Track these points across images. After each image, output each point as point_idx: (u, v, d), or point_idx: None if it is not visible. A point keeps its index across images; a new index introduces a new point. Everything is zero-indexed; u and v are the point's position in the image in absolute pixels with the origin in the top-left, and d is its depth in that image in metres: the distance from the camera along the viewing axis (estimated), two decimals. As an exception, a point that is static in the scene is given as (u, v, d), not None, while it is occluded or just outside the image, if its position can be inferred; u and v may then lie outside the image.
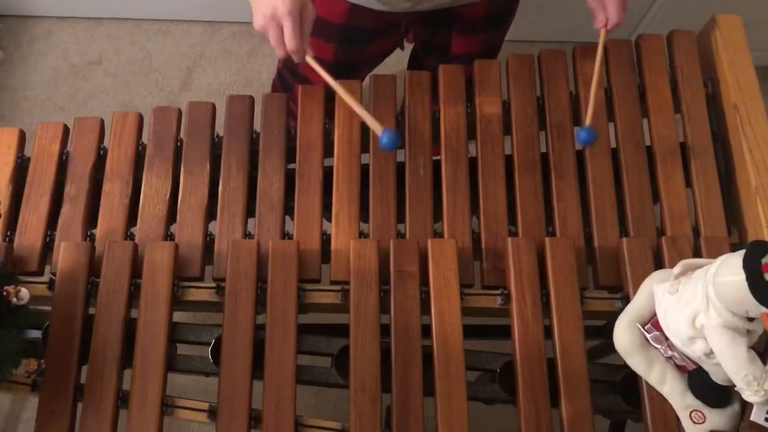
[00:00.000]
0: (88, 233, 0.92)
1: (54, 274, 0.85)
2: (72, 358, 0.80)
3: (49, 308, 0.83)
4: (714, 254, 0.80)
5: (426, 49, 1.22)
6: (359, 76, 0.96)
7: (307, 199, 0.91)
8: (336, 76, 0.90)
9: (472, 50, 1.06)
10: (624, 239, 0.87)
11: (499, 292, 0.85)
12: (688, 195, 0.93)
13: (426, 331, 0.81)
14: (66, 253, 0.84)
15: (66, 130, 0.97)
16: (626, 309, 0.81)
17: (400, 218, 0.91)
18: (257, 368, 0.80)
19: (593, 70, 0.98)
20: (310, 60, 0.84)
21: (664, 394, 0.78)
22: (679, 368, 0.78)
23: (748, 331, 0.68)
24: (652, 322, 0.78)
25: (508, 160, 0.95)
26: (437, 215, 0.92)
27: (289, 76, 1.19)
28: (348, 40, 0.86)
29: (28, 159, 0.95)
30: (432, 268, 0.84)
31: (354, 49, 0.88)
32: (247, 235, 0.91)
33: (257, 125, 0.97)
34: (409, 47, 1.21)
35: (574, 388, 0.79)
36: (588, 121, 0.86)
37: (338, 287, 0.85)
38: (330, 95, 0.97)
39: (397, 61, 1.24)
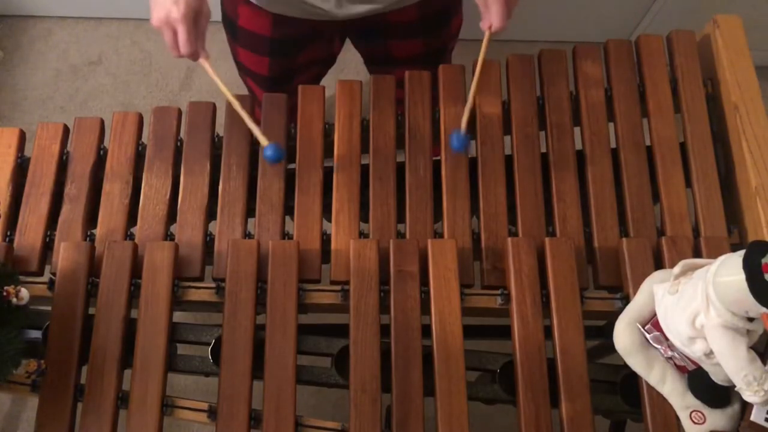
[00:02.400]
0: (88, 233, 0.92)
1: (54, 274, 0.85)
2: (72, 358, 0.80)
3: (49, 308, 0.83)
4: (714, 254, 0.80)
5: (369, 60, 1.21)
6: (296, 83, 0.97)
7: (307, 199, 0.91)
8: (274, 87, 0.89)
9: (414, 53, 1.05)
10: (624, 239, 0.87)
11: (499, 292, 0.85)
12: (688, 195, 0.93)
13: (426, 331, 0.81)
14: (66, 253, 0.84)
15: (66, 130, 0.97)
16: (626, 309, 0.81)
17: (400, 218, 0.91)
18: (257, 368, 0.80)
19: (593, 70, 0.99)
20: (203, 62, 0.84)
21: (664, 394, 0.78)
22: (679, 368, 0.78)
23: (748, 331, 0.68)
24: (652, 322, 0.78)
25: (508, 160, 0.95)
26: (437, 215, 0.92)
27: (247, 87, 1.19)
28: (279, 51, 0.86)
29: (28, 159, 0.95)
30: (432, 268, 0.84)
31: (287, 59, 0.89)
32: (247, 235, 0.91)
33: (257, 125, 0.97)
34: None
35: (574, 388, 0.79)
36: (463, 126, 0.87)
37: (338, 287, 0.85)
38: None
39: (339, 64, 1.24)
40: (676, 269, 0.74)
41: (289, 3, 0.97)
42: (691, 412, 0.77)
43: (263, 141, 0.84)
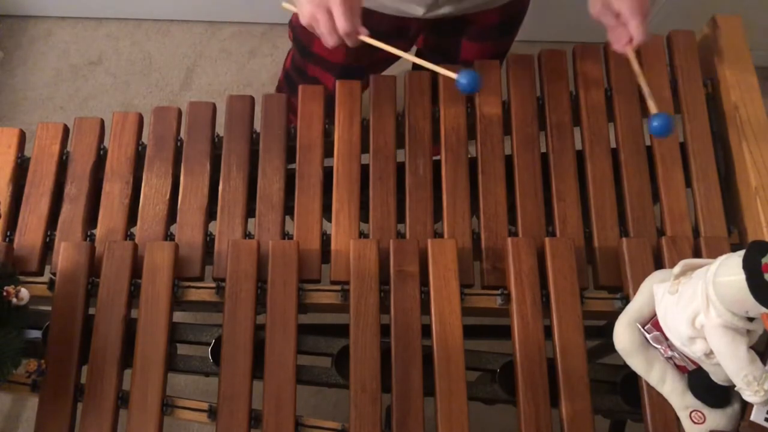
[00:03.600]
0: (88, 233, 0.92)
1: (54, 274, 0.85)
2: (72, 358, 0.80)
3: (49, 308, 0.83)
4: (714, 254, 0.80)
5: (433, 54, 1.22)
6: (367, 77, 0.98)
7: (307, 199, 0.91)
8: (345, 77, 0.89)
9: (481, 55, 1.07)
10: (624, 239, 0.87)
11: (499, 292, 0.85)
12: (688, 195, 0.93)
13: (426, 331, 0.81)
14: (66, 253, 0.84)
15: (66, 130, 0.97)
16: (626, 309, 0.81)
17: (400, 218, 0.91)
18: (257, 368, 0.80)
19: (593, 70, 0.99)
20: (364, 38, 0.81)
21: (664, 394, 0.78)
22: (679, 368, 0.78)
23: (748, 331, 0.68)
24: (652, 322, 0.78)
25: (508, 160, 0.95)
26: (437, 215, 0.92)
27: (297, 77, 1.19)
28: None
29: (28, 159, 0.95)
30: (432, 268, 0.84)
31: (364, 51, 0.89)
32: (247, 235, 0.91)
33: (257, 125, 0.97)
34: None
35: (574, 388, 0.79)
36: (654, 108, 0.82)
37: (338, 287, 0.85)
38: (331, 96, 0.98)
39: (397, 61, 1.25)
40: (676, 269, 0.74)
41: (382, 4, 0.97)
42: (691, 412, 0.77)
43: (452, 74, 0.79)
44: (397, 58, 1.15)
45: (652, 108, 0.84)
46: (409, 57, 0.83)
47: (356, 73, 0.98)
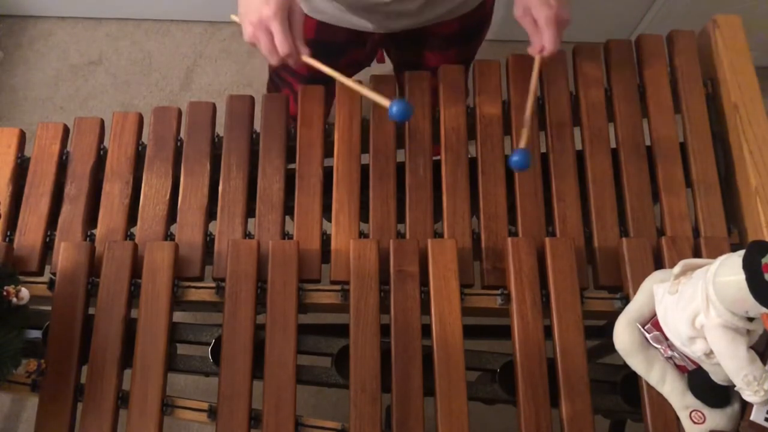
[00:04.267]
0: (88, 233, 0.92)
1: (54, 274, 0.85)
2: (72, 358, 0.80)
3: (49, 308, 0.83)
4: (714, 254, 0.80)
5: (400, 65, 1.22)
6: (334, 83, 0.98)
7: (307, 199, 0.91)
8: (311, 82, 0.89)
9: (446, 62, 1.07)
10: (624, 239, 0.87)
11: (499, 292, 0.85)
12: (688, 195, 0.93)
13: (426, 331, 0.81)
14: (66, 253, 0.84)
15: (66, 130, 0.97)
16: (626, 309, 0.81)
17: (400, 218, 0.91)
18: (257, 368, 0.80)
19: (593, 70, 0.98)
20: (306, 59, 0.81)
21: (664, 394, 0.78)
22: (679, 368, 0.78)
23: (748, 331, 0.68)
24: (652, 322, 0.78)
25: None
26: (437, 215, 0.92)
27: (278, 80, 1.19)
28: (321, 53, 0.86)
29: (28, 159, 0.95)
30: (432, 268, 0.84)
31: (327, 61, 0.89)
32: (247, 235, 0.91)
33: (257, 125, 0.97)
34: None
35: (574, 388, 0.79)
36: (523, 143, 0.84)
37: (338, 287, 0.85)
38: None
39: (379, 65, 1.24)
40: (676, 269, 0.74)
41: (334, 17, 0.98)
42: (691, 412, 0.77)
43: (386, 102, 0.78)
44: (359, 66, 1.15)
45: (522, 141, 0.84)
46: (344, 79, 0.82)
47: (318, 82, 0.99)
